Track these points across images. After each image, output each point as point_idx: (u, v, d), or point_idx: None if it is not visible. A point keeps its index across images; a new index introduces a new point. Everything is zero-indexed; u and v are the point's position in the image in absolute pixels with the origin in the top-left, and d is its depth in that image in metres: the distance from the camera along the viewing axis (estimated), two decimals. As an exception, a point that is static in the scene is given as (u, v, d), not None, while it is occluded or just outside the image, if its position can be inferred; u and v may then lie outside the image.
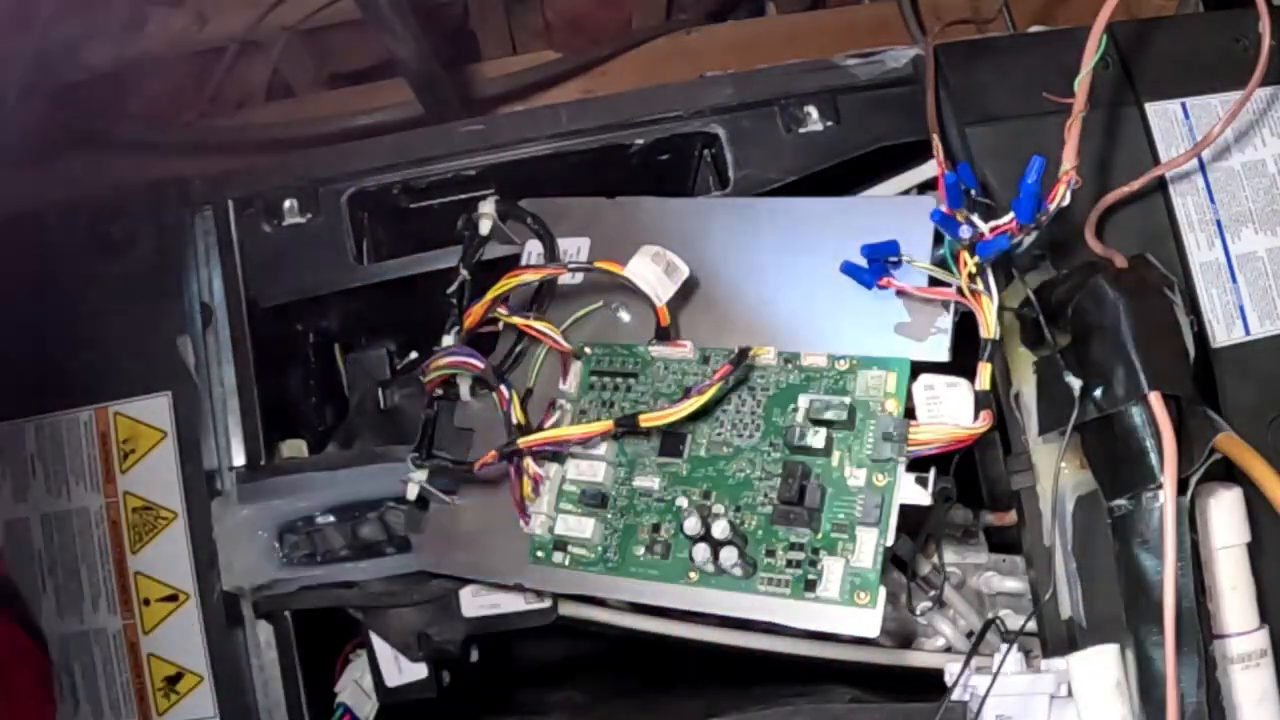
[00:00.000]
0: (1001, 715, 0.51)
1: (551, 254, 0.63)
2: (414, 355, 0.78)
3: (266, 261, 0.67)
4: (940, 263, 0.55)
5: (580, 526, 0.58)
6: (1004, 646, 0.51)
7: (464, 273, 0.64)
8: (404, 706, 0.65)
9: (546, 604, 0.63)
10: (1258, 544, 0.54)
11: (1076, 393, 0.53)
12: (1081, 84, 0.51)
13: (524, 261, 0.64)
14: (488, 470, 0.58)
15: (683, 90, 0.70)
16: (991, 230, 0.52)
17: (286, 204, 0.68)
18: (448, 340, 0.62)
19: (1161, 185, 0.62)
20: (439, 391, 0.63)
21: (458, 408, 0.63)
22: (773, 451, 0.56)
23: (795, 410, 0.56)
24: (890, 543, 0.52)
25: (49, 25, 0.78)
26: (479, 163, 0.69)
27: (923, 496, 0.52)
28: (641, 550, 0.57)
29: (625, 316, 0.61)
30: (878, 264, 0.56)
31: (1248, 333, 0.61)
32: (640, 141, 0.69)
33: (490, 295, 0.61)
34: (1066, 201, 0.51)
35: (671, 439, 0.58)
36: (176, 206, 0.68)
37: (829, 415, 0.54)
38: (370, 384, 0.75)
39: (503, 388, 0.59)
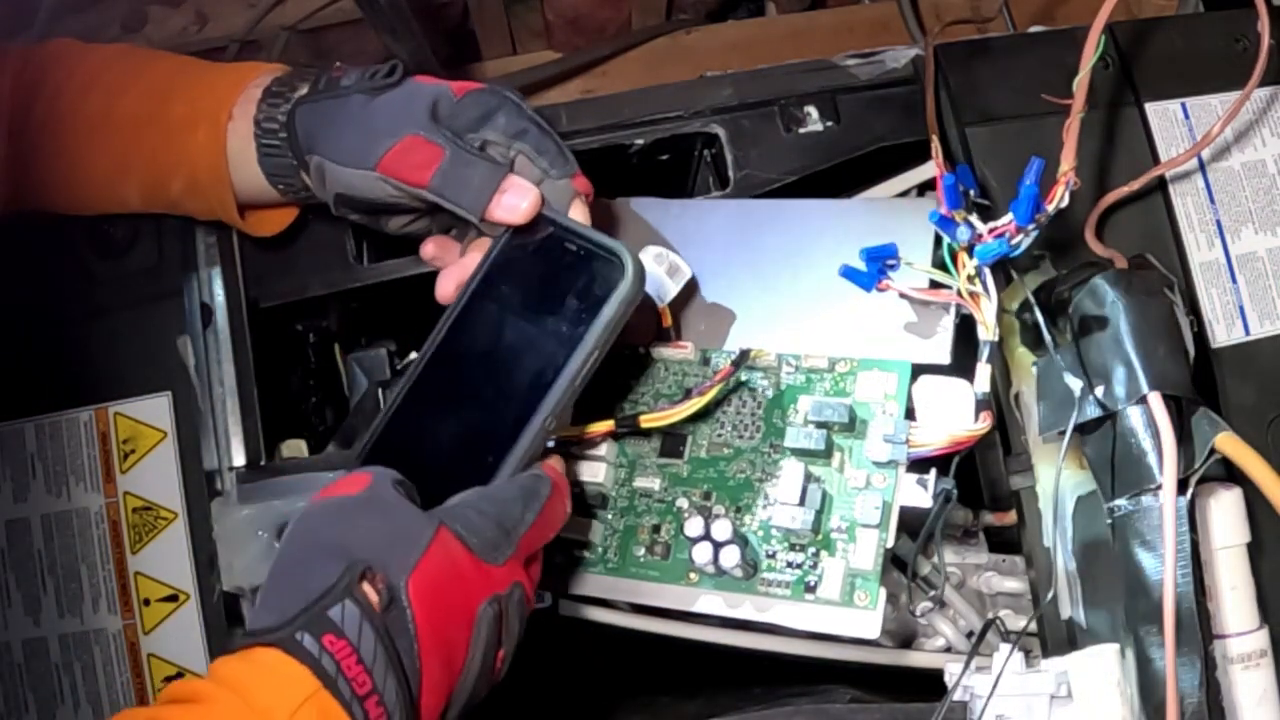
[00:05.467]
0: (1001, 715, 0.51)
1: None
2: (414, 355, 0.78)
3: (266, 261, 0.67)
4: (940, 264, 0.55)
5: (580, 527, 0.58)
6: (1004, 646, 0.51)
7: (464, 273, 0.64)
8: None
9: (546, 604, 0.63)
10: (1258, 544, 0.54)
11: (1076, 393, 0.53)
12: (1080, 84, 0.51)
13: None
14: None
15: (683, 90, 0.70)
16: (990, 232, 0.52)
17: (286, 204, 0.68)
18: (448, 340, 0.62)
19: (1161, 185, 0.62)
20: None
21: (458, 408, 0.63)
22: (773, 453, 0.56)
23: (796, 412, 0.57)
24: (891, 544, 0.52)
25: (49, 25, 0.78)
26: (479, 163, 0.69)
27: (923, 498, 0.52)
28: (642, 551, 0.57)
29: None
30: (876, 267, 0.56)
31: (1248, 333, 0.61)
32: (640, 141, 0.69)
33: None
34: (1065, 203, 0.51)
35: (672, 440, 0.58)
36: (176, 207, 0.67)
37: (830, 417, 0.54)
38: (370, 384, 0.75)
39: (503, 388, 0.59)
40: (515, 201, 0.53)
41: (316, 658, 0.41)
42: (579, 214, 0.55)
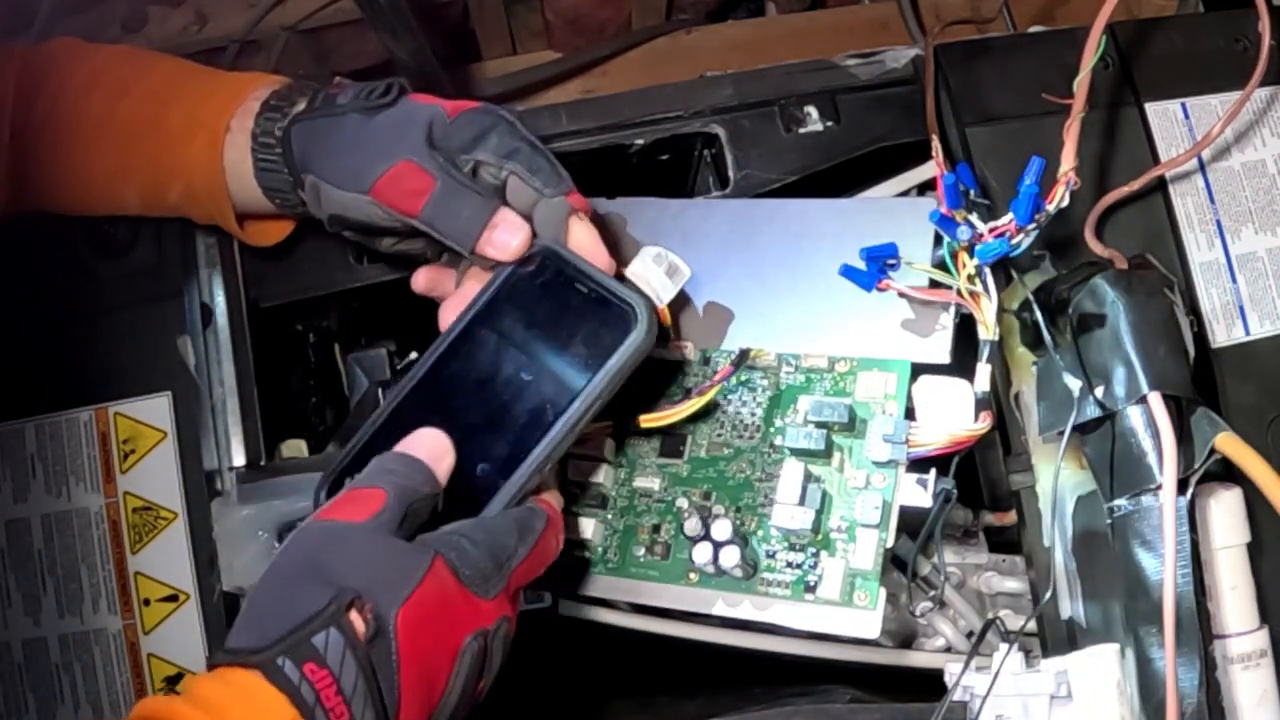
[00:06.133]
0: (1001, 715, 0.51)
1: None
2: (414, 355, 0.78)
3: (267, 262, 0.67)
4: (940, 264, 0.55)
5: (580, 526, 0.58)
6: (1004, 646, 0.51)
7: (464, 273, 0.64)
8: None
9: (546, 604, 0.63)
10: (1258, 544, 0.54)
11: (1076, 393, 0.53)
12: (1081, 84, 0.51)
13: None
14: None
15: (683, 90, 0.70)
16: (990, 231, 0.52)
17: (286, 204, 0.68)
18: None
19: (1161, 185, 0.62)
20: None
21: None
22: (773, 453, 0.56)
23: (796, 412, 0.57)
24: (890, 544, 0.52)
25: (49, 25, 0.78)
26: (479, 163, 0.69)
27: (923, 498, 0.52)
28: (642, 551, 0.57)
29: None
30: (876, 266, 0.56)
31: (1248, 333, 0.61)
32: (640, 141, 0.69)
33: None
34: (1065, 203, 0.51)
35: (672, 440, 0.58)
36: (176, 206, 0.67)
37: (829, 417, 0.54)
38: (370, 384, 0.75)
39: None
40: (506, 238, 0.53)
41: (296, 685, 0.40)
42: (577, 231, 0.54)
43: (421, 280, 0.60)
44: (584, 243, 0.54)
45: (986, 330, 0.53)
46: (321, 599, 0.43)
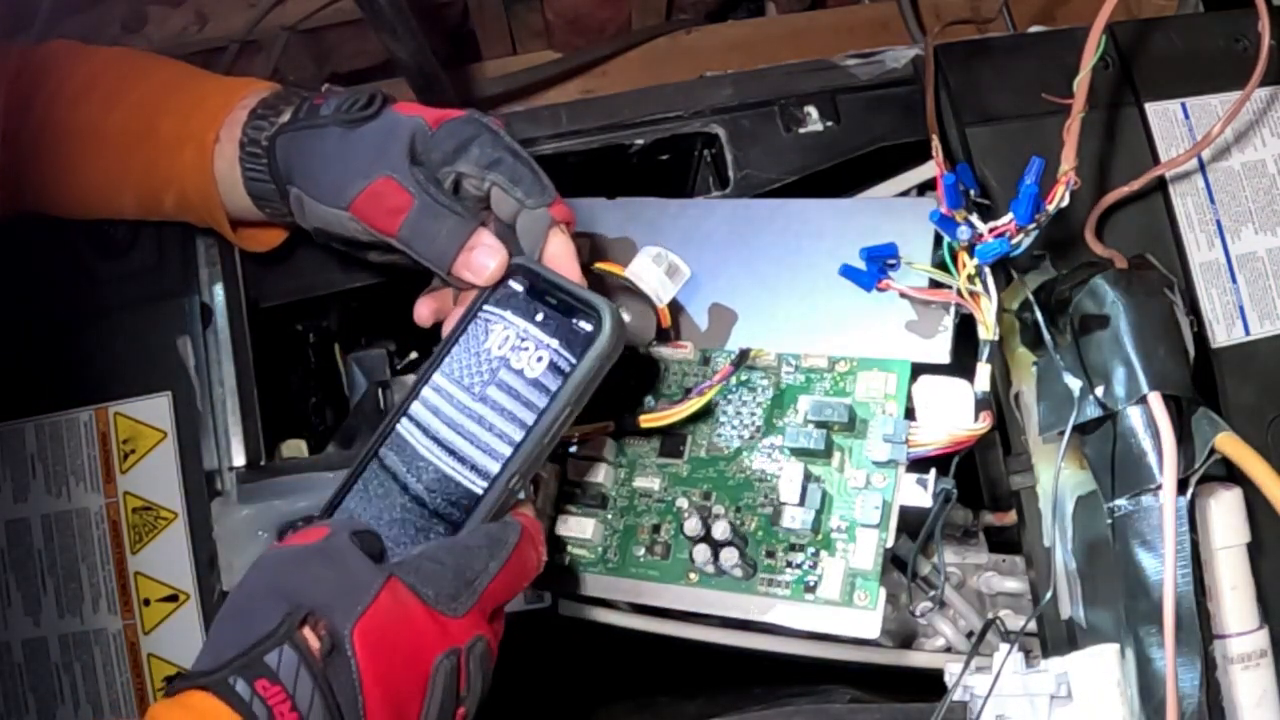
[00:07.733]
0: (1001, 715, 0.51)
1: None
2: (414, 355, 0.78)
3: (267, 262, 0.67)
4: (940, 264, 0.55)
5: (580, 526, 0.58)
6: (1004, 646, 0.51)
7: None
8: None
9: (546, 604, 0.63)
10: (1258, 544, 0.54)
11: (1076, 393, 0.53)
12: (1081, 84, 0.51)
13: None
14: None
15: (683, 90, 0.70)
16: (990, 231, 0.52)
17: (286, 204, 0.68)
18: (448, 341, 0.62)
19: (1161, 185, 0.62)
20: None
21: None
22: (773, 453, 0.56)
23: (796, 412, 0.57)
24: (890, 544, 0.52)
25: (49, 25, 0.78)
26: (479, 163, 0.69)
27: (923, 498, 0.52)
28: (641, 551, 0.57)
29: (626, 317, 0.61)
30: (876, 266, 0.56)
31: (1248, 333, 0.61)
32: (640, 141, 0.69)
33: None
34: (1065, 203, 0.51)
35: (672, 440, 0.58)
36: (176, 206, 0.67)
37: (829, 417, 0.54)
38: (370, 384, 0.76)
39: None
40: (483, 261, 0.52)
41: (248, 703, 0.40)
42: (556, 244, 0.53)
43: (426, 312, 0.59)
44: (558, 255, 0.53)
45: (986, 330, 0.53)
46: (274, 618, 0.42)
